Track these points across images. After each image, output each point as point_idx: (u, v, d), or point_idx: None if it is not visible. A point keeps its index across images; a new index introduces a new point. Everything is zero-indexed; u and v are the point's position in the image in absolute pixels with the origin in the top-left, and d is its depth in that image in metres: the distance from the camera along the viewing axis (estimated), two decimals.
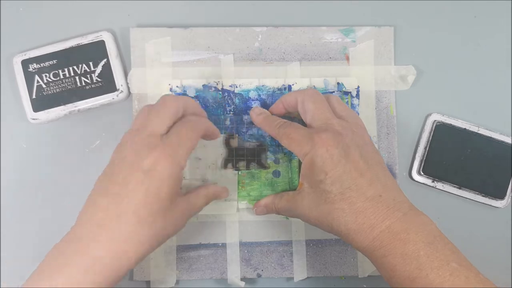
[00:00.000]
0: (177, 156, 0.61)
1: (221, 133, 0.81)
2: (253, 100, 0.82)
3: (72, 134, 0.82)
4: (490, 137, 0.85)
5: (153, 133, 0.62)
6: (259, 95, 0.82)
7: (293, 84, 0.83)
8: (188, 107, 0.68)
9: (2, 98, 0.82)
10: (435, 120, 0.84)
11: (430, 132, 0.84)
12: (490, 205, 0.85)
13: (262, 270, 0.81)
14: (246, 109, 0.82)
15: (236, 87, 0.82)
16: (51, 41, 0.82)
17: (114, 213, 0.59)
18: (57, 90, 0.81)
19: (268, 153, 0.82)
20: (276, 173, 0.82)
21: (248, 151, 0.81)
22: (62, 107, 0.81)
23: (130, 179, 0.60)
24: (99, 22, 0.84)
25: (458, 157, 0.84)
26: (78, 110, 0.81)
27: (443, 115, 0.85)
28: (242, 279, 0.80)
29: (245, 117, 0.82)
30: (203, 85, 0.82)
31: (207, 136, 0.71)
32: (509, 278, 0.84)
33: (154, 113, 0.64)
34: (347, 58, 0.84)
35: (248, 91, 0.82)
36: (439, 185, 0.84)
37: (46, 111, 0.80)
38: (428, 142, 0.84)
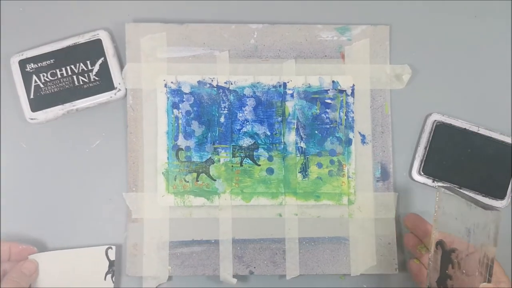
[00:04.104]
0: None
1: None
2: (248, 97, 0.82)
3: (71, 133, 0.83)
4: (490, 137, 0.84)
5: None
6: (254, 92, 0.82)
7: (288, 82, 0.83)
8: None
9: (0, 98, 0.83)
10: (435, 120, 0.84)
11: (430, 132, 0.84)
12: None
13: (254, 267, 0.80)
14: (241, 106, 0.82)
15: (231, 83, 0.82)
16: (48, 41, 0.83)
17: None
18: (55, 89, 0.81)
19: (262, 150, 0.82)
20: (270, 171, 0.82)
21: None
22: (60, 106, 0.81)
23: None
24: (95, 20, 0.84)
25: (458, 157, 0.84)
26: (77, 110, 0.82)
27: (443, 115, 0.84)
28: (234, 276, 0.80)
29: (239, 114, 0.82)
30: (198, 81, 0.82)
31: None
32: (509, 278, 0.83)
33: None
34: (343, 57, 0.84)
35: (243, 88, 0.82)
36: (439, 185, 0.83)
37: (44, 110, 0.81)
38: (428, 142, 0.84)
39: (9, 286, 0.69)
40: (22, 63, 0.81)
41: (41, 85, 0.81)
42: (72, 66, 0.82)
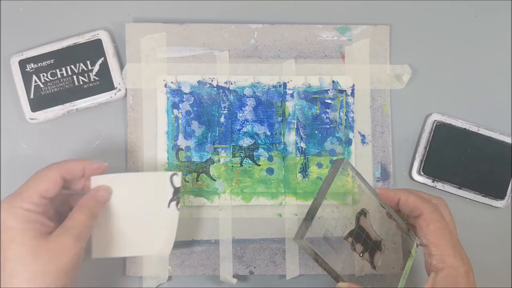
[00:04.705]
0: (15, 202, 0.63)
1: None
2: (248, 97, 0.82)
3: (71, 133, 0.82)
4: (490, 137, 0.84)
5: None
6: (254, 92, 0.82)
7: (288, 82, 0.83)
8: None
9: (0, 98, 0.83)
10: (435, 120, 0.84)
11: (430, 132, 0.84)
12: (490, 205, 0.84)
13: (254, 267, 0.80)
14: (241, 106, 0.82)
15: (231, 83, 0.82)
16: (48, 41, 0.83)
17: None
18: (55, 89, 0.81)
19: (262, 150, 0.82)
20: (270, 171, 0.82)
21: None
22: (60, 106, 0.81)
23: None
24: (95, 20, 0.84)
25: (458, 157, 0.84)
26: (77, 110, 0.81)
27: (443, 115, 0.84)
28: (234, 276, 0.80)
29: (239, 114, 0.82)
30: (198, 81, 0.82)
31: (68, 174, 0.70)
32: (509, 278, 0.83)
33: None
34: (343, 57, 0.84)
35: (243, 88, 0.82)
36: (439, 185, 0.83)
37: (44, 110, 0.81)
38: (428, 142, 0.83)
39: (85, 214, 0.67)
40: (22, 63, 0.81)
41: (41, 85, 0.81)
42: (72, 66, 0.81)
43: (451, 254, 0.64)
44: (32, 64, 0.81)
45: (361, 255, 0.69)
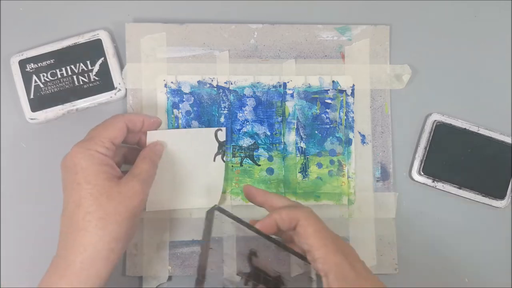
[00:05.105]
0: (90, 145, 0.67)
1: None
2: (248, 97, 0.82)
3: (71, 133, 0.81)
4: (490, 137, 0.84)
5: None
6: (254, 92, 0.82)
7: (288, 82, 0.83)
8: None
9: (0, 98, 0.83)
10: (435, 120, 0.84)
11: (430, 132, 0.84)
12: (490, 205, 0.84)
13: None
14: (241, 106, 0.82)
15: (231, 83, 0.82)
16: (48, 41, 0.83)
17: (65, 220, 0.67)
18: (55, 89, 0.81)
19: (262, 150, 0.82)
20: (270, 171, 0.82)
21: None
22: (60, 106, 0.81)
23: (63, 184, 0.68)
24: (95, 20, 0.84)
25: (458, 157, 0.84)
26: (77, 109, 0.81)
27: (443, 115, 0.84)
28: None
29: (239, 114, 0.82)
30: (198, 81, 0.82)
31: (131, 124, 0.74)
32: (509, 278, 0.83)
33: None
34: (343, 57, 0.84)
35: (243, 88, 0.82)
36: (439, 185, 0.83)
37: (44, 110, 0.81)
38: (428, 142, 0.83)
39: (148, 164, 0.72)
40: (22, 63, 0.81)
41: (41, 85, 0.81)
42: (72, 66, 0.81)
43: (333, 252, 0.63)
44: (32, 64, 0.81)
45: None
